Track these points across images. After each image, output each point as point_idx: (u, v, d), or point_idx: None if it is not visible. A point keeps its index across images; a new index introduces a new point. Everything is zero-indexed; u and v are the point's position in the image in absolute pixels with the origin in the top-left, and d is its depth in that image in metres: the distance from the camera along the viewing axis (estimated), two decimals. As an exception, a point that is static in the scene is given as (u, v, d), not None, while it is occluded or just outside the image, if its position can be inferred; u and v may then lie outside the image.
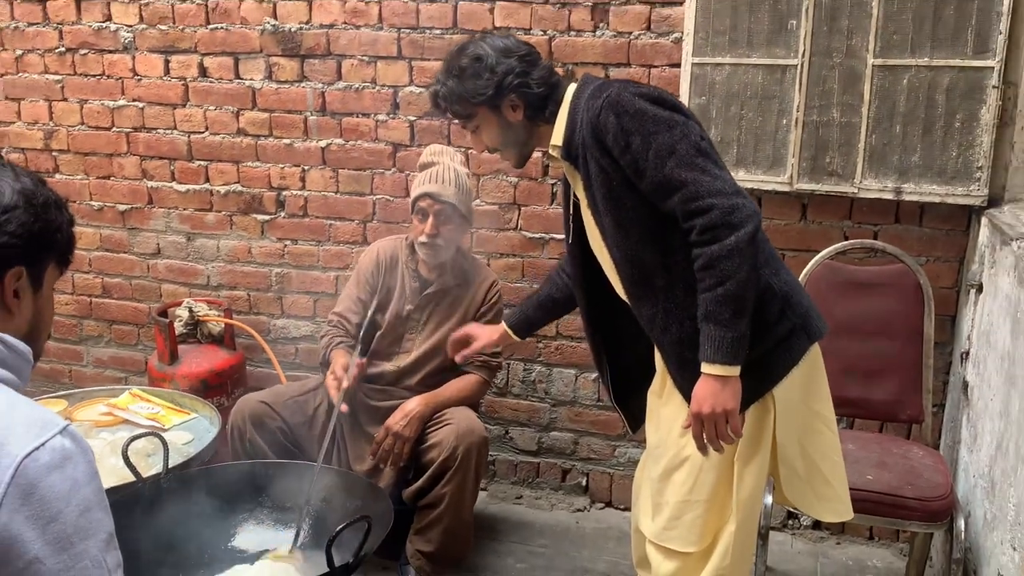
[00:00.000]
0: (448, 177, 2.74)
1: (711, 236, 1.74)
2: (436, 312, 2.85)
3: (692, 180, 1.75)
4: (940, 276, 2.84)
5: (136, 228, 3.67)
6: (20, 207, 1.23)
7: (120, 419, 2.76)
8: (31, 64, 3.60)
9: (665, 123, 1.78)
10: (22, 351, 1.24)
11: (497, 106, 1.97)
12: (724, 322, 1.75)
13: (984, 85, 2.63)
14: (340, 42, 3.24)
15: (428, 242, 2.74)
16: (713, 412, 1.78)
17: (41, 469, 1.10)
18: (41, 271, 1.30)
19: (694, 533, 1.95)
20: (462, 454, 2.58)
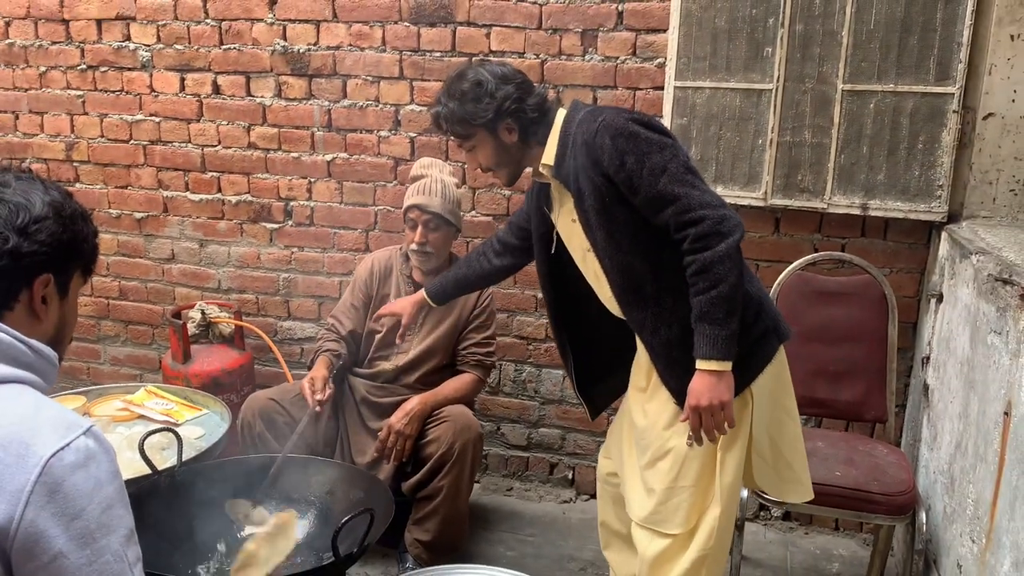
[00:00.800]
0: (435, 188, 2.74)
1: (704, 244, 1.78)
2: (431, 315, 2.83)
3: (684, 194, 1.79)
4: (903, 286, 2.84)
5: (152, 235, 3.63)
6: (50, 218, 1.22)
7: (136, 414, 2.73)
8: (54, 80, 3.56)
9: (656, 144, 1.82)
10: (48, 355, 1.22)
11: (494, 128, 1.98)
12: (718, 321, 1.78)
13: (945, 110, 2.63)
14: (346, 63, 3.22)
15: (418, 249, 2.75)
16: (710, 404, 1.80)
17: (66, 468, 1.08)
18: (68, 279, 1.28)
19: (679, 516, 1.97)
20: (459, 449, 2.56)
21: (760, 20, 2.73)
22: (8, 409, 1.10)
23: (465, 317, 2.84)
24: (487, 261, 2.38)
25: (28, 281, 1.20)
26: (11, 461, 1.05)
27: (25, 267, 1.19)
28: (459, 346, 2.86)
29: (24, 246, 1.18)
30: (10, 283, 1.19)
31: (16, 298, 1.20)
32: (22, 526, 1.04)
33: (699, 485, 1.95)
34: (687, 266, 1.81)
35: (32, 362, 1.19)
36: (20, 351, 1.17)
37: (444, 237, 2.79)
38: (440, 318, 2.83)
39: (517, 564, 2.75)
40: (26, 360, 1.18)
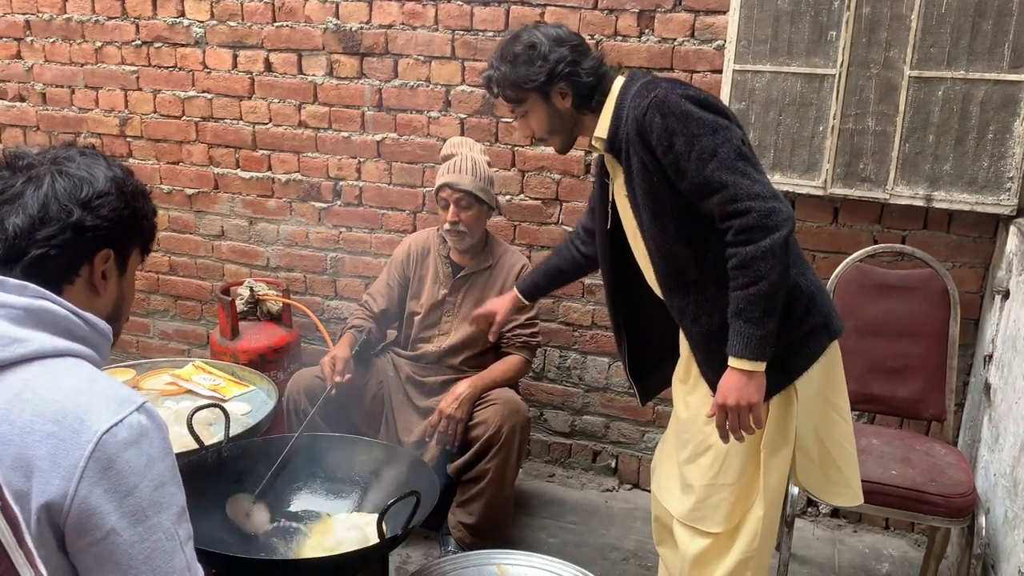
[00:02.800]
0: (465, 167, 2.71)
1: (747, 237, 1.70)
2: (470, 294, 2.81)
3: (732, 183, 1.70)
4: (966, 281, 2.74)
5: (202, 211, 3.65)
6: (112, 193, 1.22)
7: (184, 389, 2.74)
8: (109, 56, 3.58)
9: (709, 126, 1.73)
10: (103, 330, 1.21)
11: (547, 93, 1.91)
12: (754, 320, 1.71)
13: (1018, 98, 2.52)
14: (397, 42, 3.19)
15: (451, 228, 2.73)
16: (738, 404, 1.75)
17: (119, 444, 1.07)
18: (127, 255, 1.28)
19: (720, 514, 1.92)
20: (507, 432, 2.54)
21: (824, 2, 2.63)
22: (63, 382, 1.09)
23: None
24: (575, 249, 2.30)
25: (89, 255, 1.20)
26: (66, 436, 1.04)
27: (87, 241, 1.19)
28: (503, 328, 2.82)
29: (87, 220, 1.18)
30: (72, 256, 1.19)
31: (77, 272, 1.20)
32: (76, 502, 1.03)
33: (740, 483, 1.90)
34: (728, 258, 1.74)
35: (87, 336, 1.18)
36: (76, 324, 1.16)
37: (477, 215, 2.75)
38: (479, 298, 2.79)
39: (559, 552, 2.72)
40: (81, 334, 1.17)
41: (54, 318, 1.14)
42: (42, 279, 1.15)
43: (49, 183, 1.18)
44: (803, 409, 1.88)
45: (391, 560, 2.51)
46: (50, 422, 1.04)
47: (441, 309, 2.83)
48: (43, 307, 1.13)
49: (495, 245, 2.88)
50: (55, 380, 1.09)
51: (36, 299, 1.13)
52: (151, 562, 1.07)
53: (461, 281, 2.82)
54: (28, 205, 1.17)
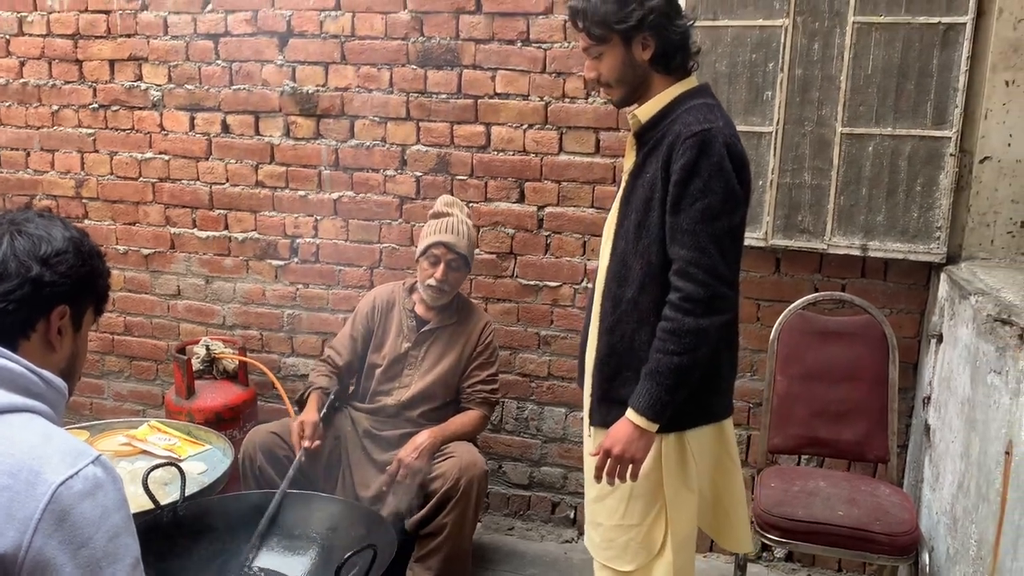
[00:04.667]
0: (462, 230, 2.78)
1: (690, 308, 1.76)
2: (433, 349, 2.85)
3: (707, 251, 1.75)
4: (903, 327, 2.85)
5: (158, 271, 3.66)
6: (70, 252, 1.26)
7: (139, 450, 2.73)
8: (66, 118, 3.62)
9: (729, 191, 1.76)
10: (59, 386, 1.24)
11: (630, 39, 1.83)
12: (667, 388, 1.79)
13: (942, 153, 2.67)
14: (353, 104, 3.27)
15: (436, 286, 2.76)
16: (622, 455, 1.82)
17: (74, 496, 1.09)
18: (82, 313, 1.31)
19: (629, 553, 1.96)
20: (464, 485, 2.56)
21: (760, 65, 2.78)
22: (19, 437, 1.11)
23: (468, 354, 2.85)
24: None
25: (46, 311, 1.24)
26: (20, 488, 1.06)
27: (45, 297, 1.23)
28: (463, 383, 2.86)
29: (46, 276, 1.22)
30: (30, 311, 1.22)
31: (34, 327, 1.23)
32: (30, 553, 1.04)
33: (646, 523, 1.94)
34: (664, 317, 1.80)
35: (43, 392, 1.21)
36: (32, 381, 1.19)
37: (460, 277, 2.84)
38: (441, 353, 2.84)
39: (518, 604, 2.73)
40: (37, 390, 1.20)
41: (10, 375, 1.16)
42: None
43: (8, 242, 1.22)
44: (700, 454, 1.95)
45: (349, 618, 2.50)
46: (5, 475, 1.06)
47: (403, 362, 2.86)
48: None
49: (461, 303, 2.94)
50: (11, 435, 1.11)
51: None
52: (105, 614, 1.08)
53: (425, 335, 2.86)
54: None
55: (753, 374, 3.04)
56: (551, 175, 3.14)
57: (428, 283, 2.78)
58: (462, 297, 2.98)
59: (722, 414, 2.01)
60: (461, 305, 2.93)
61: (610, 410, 1.94)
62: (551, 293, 3.21)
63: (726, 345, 1.94)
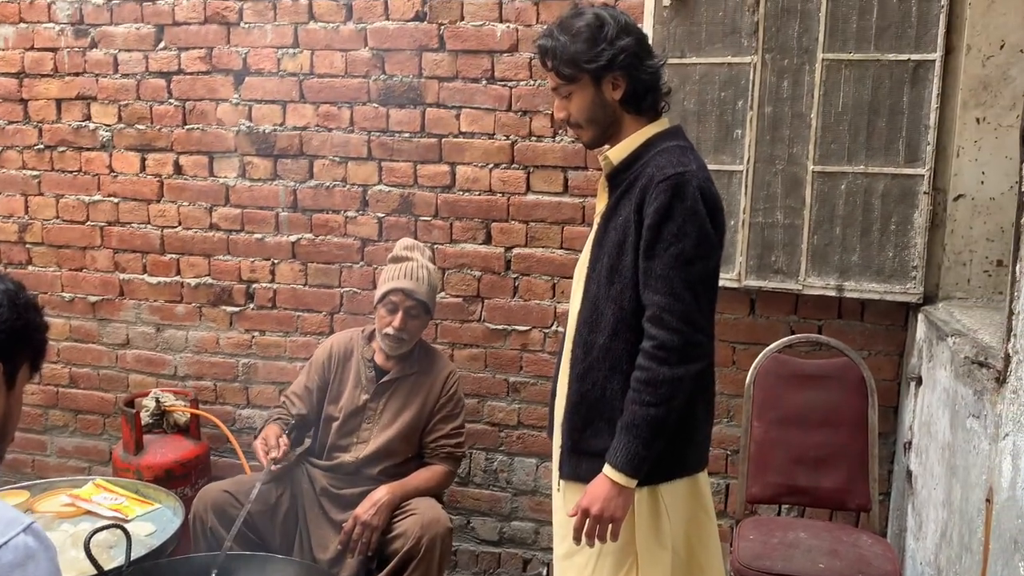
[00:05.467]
0: (421, 275, 2.76)
1: (664, 356, 1.77)
2: (393, 400, 2.80)
3: (681, 297, 1.76)
4: (882, 369, 2.88)
5: (106, 319, 3.60)
6: (4, 305, 1.23)
7: (83, 510, 2.66)
8: (9, 160, 3.58)
9: (703, 236, 1.78)
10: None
11: (600, 79, 1.86)
12: (644, 441, 1.78)
13: (916, 191, 2.72)
14: (312, 143, 3.28)
15: (395, 335, 2.73)
16: (601, 515, 1.81)
17: (3, 568, 1.06)
18: (16, 369, 1.28)
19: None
20: (426, 544, 2.51)
21: (729, 103, 2.83)
22: (-57, 506, 1.08)
23: (431, 406, 2.81)
24: None
25: None
26: (-55, 561, 1.03)
27: None
28: (427, 438, 2.82)
29: None
30: None
31: None
32: None
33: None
34: (638, 367, 1.80)
35: (-29, 456, 1.18)
36: (-42, 445, 1.16)
37: (421, 325, 2.81)
38: (402, 405, 2.80)
39: (488, 669, 2.68)
40: (-36, 455, 1.17)
41: (-66, 438, 1.13)
42: None
43: None
44: (674, 508, 1.94)
45: None
46: (-73, 547, 1.03)
47: (361, 415, 2.81)
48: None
49: (423, 350, 2.90)
50: (-66, 505, 1.08)
51: None
52: None
53: (384, 386, 2.82)
54: None
55: (730, 420, 3.04)
56: (518, 215, 3.15)
57: (386, 332, 2.75)
58: (425, 344, 2.95)
59: (696, 466, 1.99)
60: (423, 353, 2.90)
61: (580, 462, 1.93)
62: (520, 338, 3.21)
63: (701, 393, 1.93)
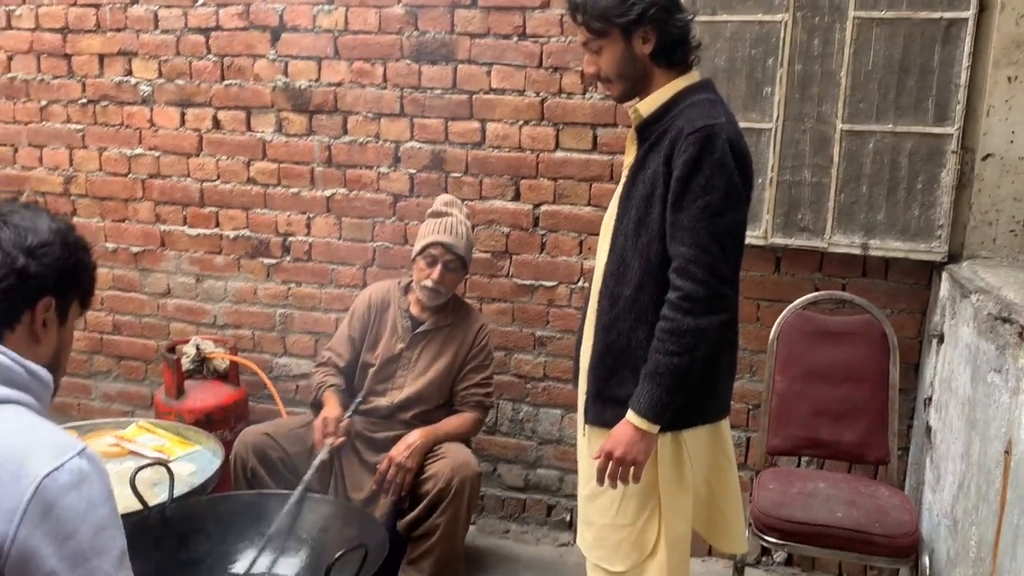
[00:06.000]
0: (460, 231, 2.80)
1: (689, 307, 1.77)
2: (427, 350, 2.86)
3: (707, 249, 1.75)
4: (904, 326, 2.86)
5: (148, 269, 3.66)
6: (56, 243, 1.27)
7: (127, 450, 2.74)
8: (55, 114, 3.63)
9: (731, 188, 1.77)
10: (44, 378, 1.25)
11: (631, 33, 1.84)
12: (667, 389, 1.80)
13: (944, 150, 2.69)
14: (347, 99, 3.29)
15: (433, 287, 2.77)
16: (623, 458, 1.83)
17: (60, 489, 1.10)
18: (67, 305, 1.32)
19: (621, 553, 1.97)
20: (456, 486, 2.57)
21: (759, 60, 2.80)
22: (3, 428, 1.13)
23: (463, 356, 2.86)
24: None
25: (31, 303, 1.25)
26: (6, 479, 1.07)
27: (30, 288, 1.24)
28: (458, 386, 2.88)
29: (31, 267, 1.24)
30: (14, 303, 1.23)
31: (19, 318, 1.24)
32: (16, 545, 1.05)
33: (637, 524, 1.95)
34: (663, 318, 1.80)
35: (28, 384, 1.22)
36: (17, 373, 1.20)
37: (457, 279, 2.85)
38: (436, 355, 2.85)
39: (513, 608, 2.74)
40: (22, 381, 1.21)
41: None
42: None
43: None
44: (696, 453, 1.96)
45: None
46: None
47: (396, 363, 2.87)
48: (-16, 356, 1.17)
49: (456, 304, 2.95)
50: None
51: None
52: (90, 607, 1.10)
53: (419, 336, 2.86)
54: None
55: (752, 375, 3.05)
56: (547, 172, 3.15)
57: (424, 284, 2.79)
58: (458, 298, 2.99)
59: (719, 415, 2.02)
60: (457, 306, 2.94)
61: (605, 408, 1.95)
62: (547, 293, 3.23)
63: (726, 345, 1.95)
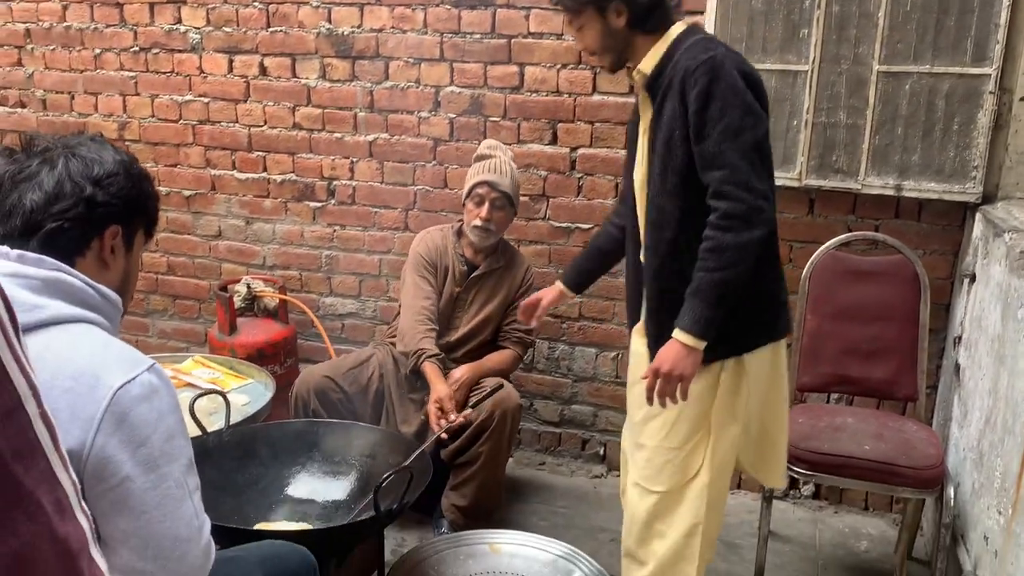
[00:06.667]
0: (505, 170, 2.82)
1: (728, 224, 1.78)
2: (481, 293, 2.91)
3: (738, 167, 1.77)
4: (936, 268, 2.84)
5: (199, 212, 3.74)
6: (120, 174, 1.32)
7: (184, 383, 2.82)
8: (108, 62, 3.68)
9: (747, 107, 1.79)
10: (114, 300, 1.31)
11: (603, 9, 1.91)
12: (710, 303, 1.81)
13: (981, 91, 2.63)
14: (388, 45, 3.29)
15: (482, 226, 2.80)
16: (671, 373, 1.84)
17: (132, 400, 1.16)
18: (133, 233, 1.38)
19: (665, 475, 2.01)
20: (499, 416, 2.64)
21: (796, 1, 2.75)
22: (79, 345, 1.18)
23: (512, 295, 2.91)
24: (612, 226, 2.30)
25: (100, 230, 1.30)
26: (83, 391, 1.13)
27: (98, 216, 1.30)
28: (503, 322, 2.93)
29: (99, 196, 1.29)
30: (84, 230, 1.29)
31: (88, 245, 1.30)
32: (93, 451, 1.12)
33: (686, 448, 1.98)
34: (704, 239, 1.82)
35: (100, 305, 1.28)
36: (89, 294, 1.26)
37: (506, 218, 2.87)
38: (488, 297, 2.91)
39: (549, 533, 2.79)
40: (94, 303, 1.26)
41: (70, 288, 1.23)
42: (56, 251, 1.25)
43: (63, 163, 1.29)
44: (756, 381, 1.98)
45: (388, 543, 2.60)
46: (68, 379, 1.13)
47: (453, 306, 2.92)
48: (59, 278, 1.22)
49: (506, 247, 2.99)
50: (72, 342, 1.18)
51: (53, 271, 1.22)
52: (162, 508, 1.17)
53: (474, 280, 2.91)
54: (44, 183, 1.27)
55: (784, 315, 3.05)
56: (584, 116, 3.14)
57: (474, 224, 2.81)
58: (505, 242, 3.02)
59: (782, 331, 2.02)
60: (505, 249, 2.98)
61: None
62: (583, 235, 3.24)
63: (770, 260, 1.96)
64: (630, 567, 2.14)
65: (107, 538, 1.16)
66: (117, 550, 1.16)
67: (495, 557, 2.41)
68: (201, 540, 1.23)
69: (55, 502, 0.76)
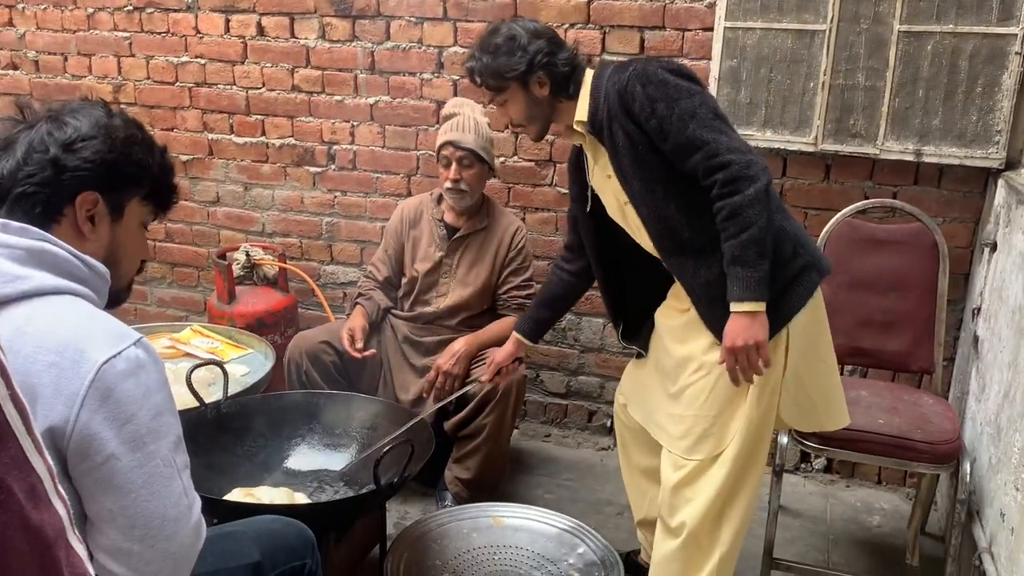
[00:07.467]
0: (468, 125, 2.76)
1: (732, 188, 1.82)
2: (466, 255, 2.87)
3: (712, 139, 1.84)
4: (956, 236, 2.79)
5: (197, 177, 3.69)
6: (97, 138, 1.27)
7: (182, 352, 2.81)
8: (101, 22, 3.61)
9: (686, 91, 1.87)
10: (100, 271, 1.27)
11: (526, 82, 2.03)
12: (750, 264, 1.83)
13: (1007, 52, 2.56)
14: (389, 3, 3.22)
15: (453, 187, 2.77)
16: (746, 345, 1.85)
17: (118, 375, 1.13)
18: (120, 201, 1.32)
19: (702, 444, 2.02)
20: (502, 388, 2.61)
21: (815, -42, 2.67)
22: (63, 317, 1.15)
23: (501, 260, 2.87)
24: (562, 271, 2.40)
25: (71, 196, 1.25)
26: (67, 366, 1.10)
27: (66, 181, 1.24)
28: (499, 291, 2.89)
29: (68, 160, 1.24)
30: (50, 195, 1.24)
31: (61, 211, 1.25)
32: (77, 427, 1.09)
33: (723, 417, 1.99)
34: (717, 212, 1.85)
35: (86, 277, 1.24)
36: (75, 265, 1.22)
37: (479, 175, 2.80)
38: (475, 259, 2.86)
39: (554, 506, 2.79)
40: (80, 275, 1.23)
41: (54, 259, 1.20)
42: (25, 216, 1.20)
43: (38, 128, 1.24)
44: (792, 353, 1.96)
45: (390, 517, 2.59)
46: (52, 352, 1.10)
47: (438, 271, 2.88)
48: (44, 248, 1.19)
49: (490, 207, 2.94)
50: (56, 315, 1.15)
51: (37, 241, 1.19)
52: (149, 486, 1.14)
53: (456, 243, 2.87)
54: (17, 150, 1.23)
55: (797, 284, 3.00)
56: (593, 78, 3.07)
57: (446, 186, 2.79)
58: (491, 201, 2.97)
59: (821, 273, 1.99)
60: (490, 209, 2.93)
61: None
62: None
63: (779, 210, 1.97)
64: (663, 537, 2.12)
65: (93, 517, 1.14)
66: (103, 529, 1.13)
67: (499, 531, 2.41)
68: (191, 519, 1.21)
69: (28, 489, 0.73)
